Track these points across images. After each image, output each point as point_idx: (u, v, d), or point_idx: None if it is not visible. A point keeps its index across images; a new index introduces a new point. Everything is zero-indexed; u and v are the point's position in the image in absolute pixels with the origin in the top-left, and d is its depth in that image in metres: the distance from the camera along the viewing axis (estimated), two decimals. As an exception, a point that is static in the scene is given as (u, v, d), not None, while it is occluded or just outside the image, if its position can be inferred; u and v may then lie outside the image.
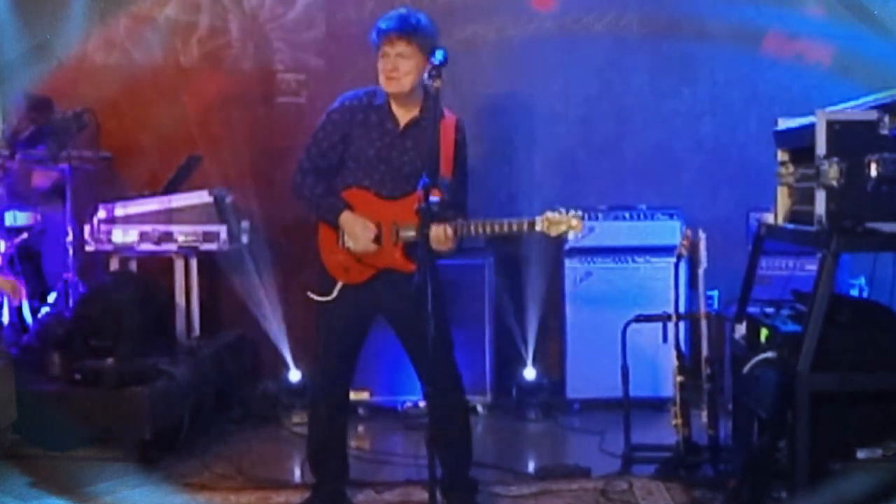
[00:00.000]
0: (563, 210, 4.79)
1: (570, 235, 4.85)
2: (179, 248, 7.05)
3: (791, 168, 4.99)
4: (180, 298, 7.15)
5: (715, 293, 7.28)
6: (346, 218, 5.08)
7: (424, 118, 5.07)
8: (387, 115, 5.12)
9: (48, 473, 5.91)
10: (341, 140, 5.14)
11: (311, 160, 5.21)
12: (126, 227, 7.03)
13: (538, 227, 4.82)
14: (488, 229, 4.90)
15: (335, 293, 5.16)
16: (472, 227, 4.90)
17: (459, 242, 5.02)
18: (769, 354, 4.80)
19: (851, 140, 4.44)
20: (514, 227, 4.88)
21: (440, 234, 4.82)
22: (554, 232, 4.81)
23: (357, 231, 5.06)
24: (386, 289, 5.12)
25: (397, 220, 5.02)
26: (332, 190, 5.17)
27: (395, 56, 4.97)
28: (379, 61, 5.04)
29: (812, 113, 4.55)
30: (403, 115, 5.13)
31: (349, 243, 5.11)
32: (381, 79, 5.05)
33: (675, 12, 7.95)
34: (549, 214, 4.81)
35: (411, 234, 4.91)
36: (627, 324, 6.12)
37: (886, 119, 4.45)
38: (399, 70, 4.98)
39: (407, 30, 4.95)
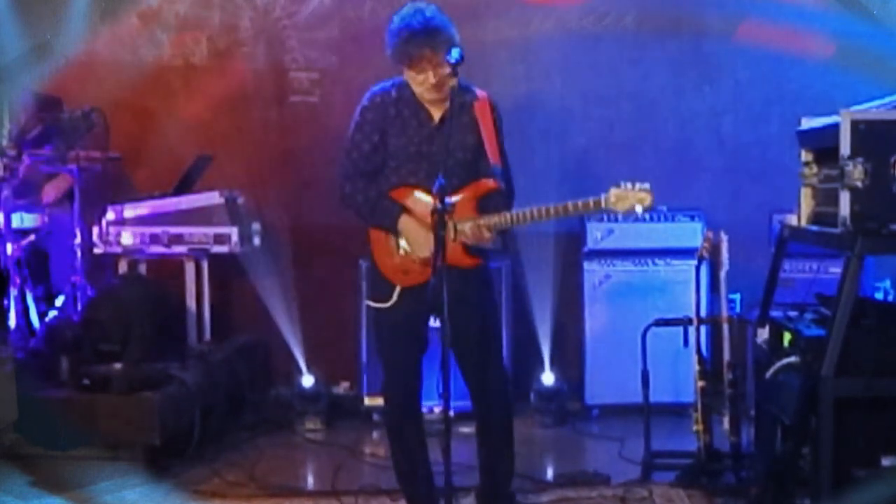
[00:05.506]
0: (629, 184, 4.62)
1: (639, 209, 4.66)
2: (190, 250, 7.02)
3: (815, 168, 4.95)
4: (191, 302, 7.14)
5: (737, 296, 7.18)
6: (405, 223, 4.91)
7: (454, 109, 4.87)
8: (419, 108, 4.97)
9: (48, 473, 5.91)
10: (381, 139, 4.98)
11: (354, 165, 5.02)
12: (135, 228, 6.99)
13: (605, 206, 4.64)
14: (552, 213, 4.72)
15: (395, 298, 5.02)
16: (530, 214, 4.76)
17: (505, 232, 5.01)
18: (792, 359, 4.78)
19: (877, 140, 4.38)
20: (580, 207, 4.71)
21: (476, 231, 4.75)
22: (622, 207, 4.63)
23: (421, 240, 4.87)
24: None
25: (453, 216, 4.76)
26: (381, 192, 5.01)
27: (435, 66, 4.79)
28: (411, 71, 4.86)
29: (836, 112, 4.48)
30: (436, 110, 4.98)
31: (409, 248, 4.95)
32: (423, 89, 4.89)
33: (695, 10, 7.88)
34: (616, 190, 4.63)
35: (469, 226, 4.81)
36: (647, 328, 6.12)
37: (913, 119, 4.40)
38: (444, 80, 4.81)
39: (441, 39, 4.75)
